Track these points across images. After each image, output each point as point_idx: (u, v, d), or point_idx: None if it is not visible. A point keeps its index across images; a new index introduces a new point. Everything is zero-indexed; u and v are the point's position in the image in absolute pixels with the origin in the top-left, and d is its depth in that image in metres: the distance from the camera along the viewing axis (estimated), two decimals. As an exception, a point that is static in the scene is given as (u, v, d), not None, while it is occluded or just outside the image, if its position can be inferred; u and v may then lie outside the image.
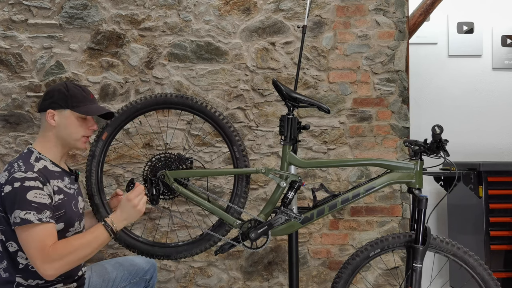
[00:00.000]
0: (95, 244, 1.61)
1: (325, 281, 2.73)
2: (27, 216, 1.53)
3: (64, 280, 1.71)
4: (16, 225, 1.55)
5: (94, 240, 1.61)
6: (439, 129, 1.75)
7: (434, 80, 3.71)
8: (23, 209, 1.54)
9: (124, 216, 1.67)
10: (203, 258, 2.69)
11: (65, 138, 1.73)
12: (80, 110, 1.72)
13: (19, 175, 1.58)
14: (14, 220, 1.55)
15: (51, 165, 1.72)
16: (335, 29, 2.74)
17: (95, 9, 2.65)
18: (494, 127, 3.71)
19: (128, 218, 1.67)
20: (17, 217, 1.54)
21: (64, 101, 1.71)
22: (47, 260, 1.53)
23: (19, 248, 1.62)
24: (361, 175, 2.74)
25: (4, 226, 1.63)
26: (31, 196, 1.55)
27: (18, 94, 2.62)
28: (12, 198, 1.55)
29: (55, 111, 1.71)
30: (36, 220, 1.54)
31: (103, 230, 1.62)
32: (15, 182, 1.56)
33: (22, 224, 1.53)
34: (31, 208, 1.54)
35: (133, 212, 1.67)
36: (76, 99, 1.73)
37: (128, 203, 1.66)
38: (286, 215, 1.79)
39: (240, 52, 2.71)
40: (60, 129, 1.72)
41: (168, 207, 2.50)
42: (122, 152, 2.66)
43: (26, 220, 1.53)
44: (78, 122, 1.73)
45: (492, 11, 3.73)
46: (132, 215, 1.67)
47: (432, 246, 1.82)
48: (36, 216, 1.54)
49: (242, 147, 1.86)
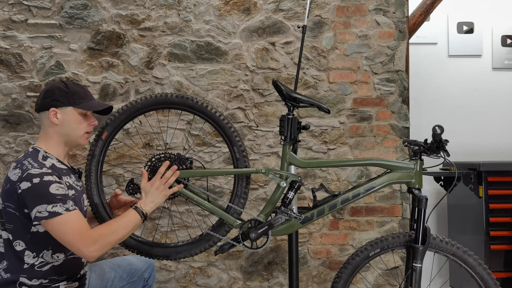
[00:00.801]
0: (130, 226, 1.68)
1: (325, 281, 2.73)
2: (54, 209, 1.56)
3: (67, 278, 1.72)
4: (42, 219, 1.56)
5: (129, 222, 1.68)
6: (439, 129, 1.75)
7: (434, 80, 3.71)
8: (49, 203, 1.56)
9: (149, 199, 1.74)
10: (203, 258, 2.69)
11: (68, 135, 1.74)
12: (83, 106, 1.73)
13: (36, 171, 1.60)
14: (38, 215, 1.56)
15: (58, 162, 1.73)
16: (335, 29, 2.74)
17: (95, 9, 2.65)
18: (494, 127, 3.71)
19: (154, 200, 1.74)
20: (43, 211, 1.56)
21: (66, 98, 1.72)
22: (89, 242, 1.58)
23: (27, 247, 1.63)
24: (361, 175, 2.74)
25: (13, 225, 1.64)
26: (54, 190, 1.59)
27: (18, 94, 2.62)
28: (33, 193, 1.57)
29: (58, 109, 1.71)
30: (64, 211, 1.57)
31: (135, 213, 1.69)
32: (33, 178, 1.58)
33: (50, 217, 1.56)
34: (56, 201, 1.57)
35: (157, 194, 1.75)
36: (78, 95, 1.74)
37: (149, 187, 1.75)
38: (286, 215, 1.79)
39: (240, 52, 2.71)
40: (63, 126, 1.73)
41: (168, 207, 2.50)
42: (122, 152, 2.66)
43: (54, 213, 1.56)
44: (80, 118, 1.75)
45: (492, 11, 3.73)
46: (157, 197, 1.75)
47: (432, 246, 1.82)
48: (62, 207, 1.58)
49: (242, 147, 1.86)
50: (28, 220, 1.62)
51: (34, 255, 1.64)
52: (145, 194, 1.75)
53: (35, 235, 1.64)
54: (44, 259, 1.66)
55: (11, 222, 1.63)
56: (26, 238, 1.64)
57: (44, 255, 1.66)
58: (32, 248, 1.64)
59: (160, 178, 1.76)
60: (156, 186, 1.75)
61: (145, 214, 1.72)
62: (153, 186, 1.75)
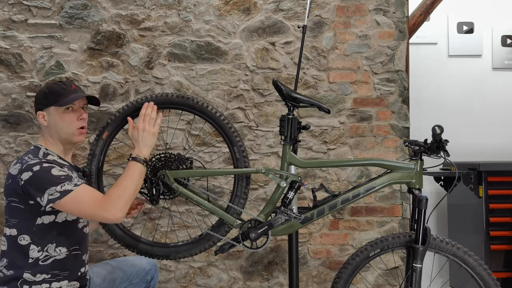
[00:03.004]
0: (136, 176, 1.68)
1: (325, 281, 2.73)
2: (64, 188, 1.59)
3: (69, 276, 1.73)
4: (55, 201, 1.58)
5: (134, 174, 1.68)
6: (439, 129, 1.75)
7: (434, 80, 3.71)
8: (56, 184, 1.59)
9: (142, 144, 1.74)
10: (203, 258, 2.69)
11: (59, 134, 1.77)
12: (60, 103, 1.75)
13: (34, 161, 1.64)
14: (51, 197, 1.58)
15: (59, 159, 1.77)
16: (335, 29, 2.74)
17: (95, 9, 2.65)
18: (494, 127, 3.71)
19: (146, 143, 1.74)
20: (54, 193, 1.58)
21: (46, 99, 1.76)
22: (109, 206, 1.60)
23: (32, 241, 1.66)
24: (361, 175, 2.74)
25: (17, 219, 1.66)
26: (56, 172, 1.62)
27: (18, 94, 2.62)
28: (37, 180, 1.60)
29: (43, 112, 1.77)
30: (73, 186, 1.60)
31: (135, 163, 1.70)
32: (33, 167, 1.62)
33: (62, 197, 1.58)
34: (62, 181, 1.60)
35: (147, 136, 1.74)
36: (55, 94, 1.76)
37: (136, 131, 1.75)
38: (286, 215, 1.79)
39: (240, 52, 2.71)
40: (51, 127, 1.77)
41: (168, 207, 2.50)
42: (122, 152, 2.66)
43: (64, 191, 1.59)
44: (65, 115, 1.77)
45: (492, 11, 3.73)
46: (149, 139, 1.75)
47: (432, 246, 1.82)
48: (70, 184, 1.60)
49: (243, 147, 1.86)
50: (34, 212, 1.65)
51: (39, 249, 1.67)
52: (136, 141, 1.75)
53: (40, 228, 1.67)
54: (48, 253, 1.68)
55: (16, 216, 1.66)
56: (31, 231, 1.66)
57: (49, 249, 1.68)
58: (37, 242, 1.67)
59: (143, 120, 1.75)
60: (142, 129, 1.74)
61: (145, 159, 1.72)
62: (140, 130, 1.74)
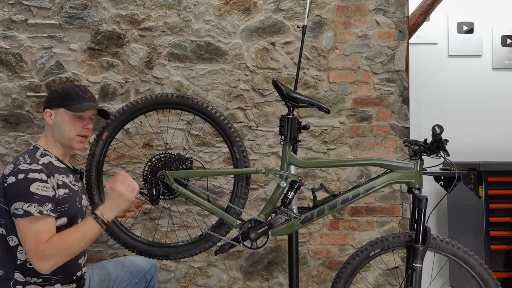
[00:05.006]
0: (88, 237, 1.61)
1: (325, 281, 2.72)
2: (29, 209, 1.55)
3: (61, 280, 1.70)
4: (17, 217, 1.57)
5: (87, 233, 1.61)
6: (439, 129, 1.75)
7: (434, 80, 3.71)
8: (26, 201, 1.56)
9: (112, 204, 1.65)
10: (203, 258, 2.69)
11: (60, 137, 1.77)
12: (71, 108, 1.75)
13: (24, 167, 1.61)
14: (15, 212, 1.57)
15: (57, 161, 1.75)
16: (335, 29, 2.74)
17: (95, 9, 2.65)
18: (494, 127, 3.71)
19: (117, 206, 1.65)
20: (19, 208, 1.56)
21: (59, 100, 1.76)
22: (42, 257, 1.55)
23: (20, 243, 1.63)
24: (361, 175, 2.74)
25: (5, 220, 1.64)
26: (34, 188, 1.58)
27: (18, 94, 2.62)
28: (14, 189, 1.58)
29: (52, 110, 1.77)
30: (37, 213, 1.56)
31: (94, 223, 1.61)
32: (19, 174, 1.59)
33: (23, 217, 1.56)
34: (33, 200, 1.56)
35: (120, 200, 1.65)
36: (69, 97, 1.76)
37: (112, 192, 1.65)
38: (286, 215, 1.79)
39: (240, 52, 2.71)
40: (55, 127, 1.76)
41: (168, 207, 2.50)
42: (122, 152, 2.66)
43: (27, 212, 1.55)
44: (72, 120, 1.76)
45: (492, 11, 3.73)
46: (120, 202, 1.65)
47: (432, 246, 1.82)
48: (37, 208, 1.56)
49: (243, 147, 1.86)
50: None
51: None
52: (108, 200, 1.65)
53: None
54: None
55: (4, 217, 1.64)
56: None
57: None
58: None
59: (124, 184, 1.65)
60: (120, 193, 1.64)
61: (106, 222, 1.63)
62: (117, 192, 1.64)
